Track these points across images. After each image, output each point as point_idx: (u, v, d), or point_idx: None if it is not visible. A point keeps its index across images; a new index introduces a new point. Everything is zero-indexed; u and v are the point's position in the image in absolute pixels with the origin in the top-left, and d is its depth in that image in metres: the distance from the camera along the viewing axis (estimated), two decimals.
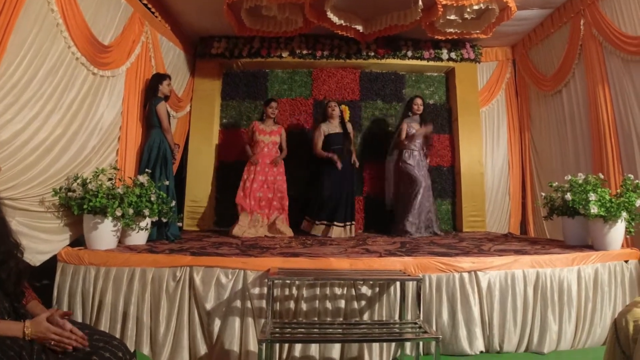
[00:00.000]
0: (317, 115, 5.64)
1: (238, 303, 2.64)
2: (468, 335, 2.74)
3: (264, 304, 2.59)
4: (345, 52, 5.73)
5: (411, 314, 2.67)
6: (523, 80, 5.96)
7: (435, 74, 6.13)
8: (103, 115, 3.74)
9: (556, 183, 3.83)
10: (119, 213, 2.99)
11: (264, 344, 1.94)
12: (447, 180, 5.81)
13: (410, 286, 2.66)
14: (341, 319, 2.61)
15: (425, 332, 2.16)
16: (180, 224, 4.03)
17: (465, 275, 2.79)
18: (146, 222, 3.34)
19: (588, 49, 4.58)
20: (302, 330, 2.27)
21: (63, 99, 3.18)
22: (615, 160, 4.27)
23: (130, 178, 3.57)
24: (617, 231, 3.30)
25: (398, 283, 2.65)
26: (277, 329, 2.20)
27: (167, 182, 3.82)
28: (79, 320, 2.75)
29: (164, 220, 3.69)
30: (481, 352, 2.75)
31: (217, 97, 5.86)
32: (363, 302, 2.66)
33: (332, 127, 5.11)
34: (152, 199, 3.44)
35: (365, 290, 2.66)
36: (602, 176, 3.61)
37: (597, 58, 4.47)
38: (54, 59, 3.01)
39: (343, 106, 5.41)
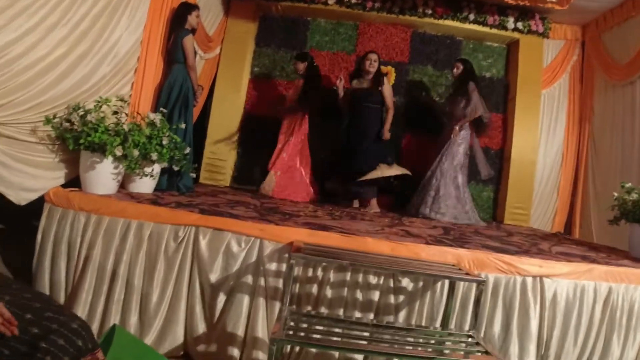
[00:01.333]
0: None
1: (249, 278, 2.17)
2: (520, 353, 2.24)
3: (280, 283, 2.13)
4: (399, 6, 5.06)
5: (456, 320, 2.18)
6: (591, 65, 5.29)
7: (496, 45, 5.43)
8: (119, 41, 3.26)
9: (629, 184, 3.25)
10: (119, 152, 2.53)
11: (276, 344, 1.46)
12: (494, 165, 5.19)
13: (462, 287, 2.15)
14: (372, 316, 2.13)
15: (485, 352, 1.66)
16: (193, 175, 3.56)
17: (529, 280, 2.26)
18: (152, 168, 2.88)
19: None
20: (323, 329, 1.79)
21: (71, 12, 2.67)
22: None
23: (140, 114, 3.09)
24: None
25: (448, 281, 2.13)
26: (293, 324, 1.73)
27: (183, 125, 3.33)
28: (63, 274, 2.35)
29: (176, 168, 3.23)
30: None
31: (250, 42, 5.29)
32: (401, 297, 2.16)
33: (363, 83, 4.50)
34: (164, 142, 2.97)
35: (406, 283, 2.16)
36: None
37: None
38: None
39: (389, 67, 4.80)
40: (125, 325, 2.20)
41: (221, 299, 2.18)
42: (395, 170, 4.27)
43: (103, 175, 2.62)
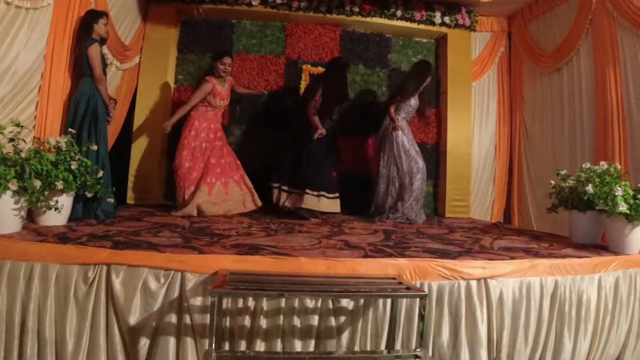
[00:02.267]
0: (290, 76, 4.88)
1: (173, 317, 1.93)
2: (471, 359, 2.17)
3: (207, 319, 1.90)
4: (326, 4, 4.94)
5: (403, 335, 2.06)
6: (518, 55, 5.45)
7: (425, 40, 5.46)
8: (18, 57, 2.92)
9: (564, 171, 3.31)
10: (13, 187, 2.20)
11: None
12: (431, 160, 5.21)
13: (406, 300, 2.04)
14: (313, 343, 1.96)
15: None
16: (111, 200, 3.23)
17: (474, 283, 2.19)
18: (56, 200, 2.55)
19: (599, 24, 4.13)
20: None
21: None
22: (622, 148, 3.84)
23: (39, 139, 2.75)
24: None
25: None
26: None
27: (95, 147, 3.01)
28: None
29: (89, 195, 2.90)
30: None
31: (172, 48, 4.97)
32: (343, 319, 2.02)
33: None
34: (73, 167, 2.65)
35: (346, 302, 2.01)
36: (619, 167, 3.07)
37: (609, 34, 4.02)
38: None
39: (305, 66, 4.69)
40: None
41: (144, 343, 1.93)
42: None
43: (2, 213, 2.28)
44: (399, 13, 5.08)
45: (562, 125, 4.64)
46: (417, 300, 2.04)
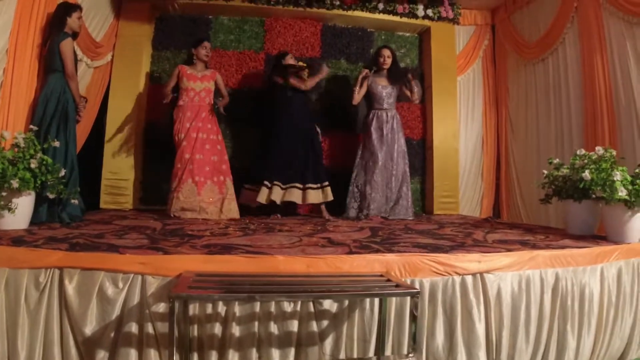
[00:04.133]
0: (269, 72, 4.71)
1: (133, 326, 1.71)
2: None
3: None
4: None
5: (393, 338, 1.87)
6: (503, 48, 5.40)
7: (408, 34, 5.33)
8: None
9: (557, 160, 3.17)
10: None
11: None
12: (417, 156, 5.07)
13: (395, 299, 1.85)
14: (293, 352, 1.76)
15: None
16: (75, 202, 3.00)
17: (469, 279, 2.01)
18: (11, 201, 2.33)
19: (584, 11, 4.06)
20: None
21: None
22: (611, 137, 3.75)
23: None
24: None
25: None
26: None
27: (56, 143, 2.78)
28: None
29: (51, 196, 2.67)
30: None
31: (147, 45, 4.76)
32: (325, 323, 1.81)
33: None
34: (33, 166, 2.43)
35: (328, 305, 1.81)
36: (614, 152, 2.93)
37: (595, 21, 3.95)
38: None
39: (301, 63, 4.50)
40: None
41: (102, 355, 1.71)
42: None
43: None
44: (380, 6, 4.95)
45: (548, 117, 4.58)
46: (408, 298, 1.85)
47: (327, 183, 4.05)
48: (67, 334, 1.74)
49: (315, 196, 3.99)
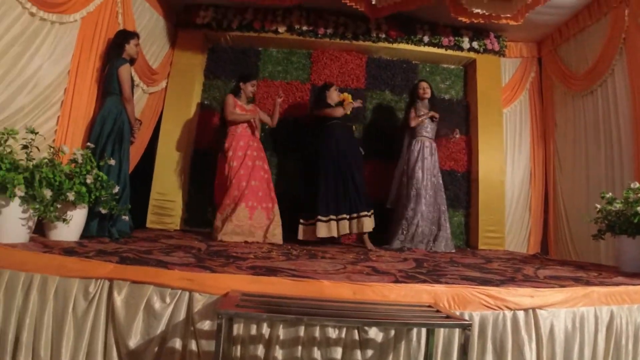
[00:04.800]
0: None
1: (177, 342, 1.73)
2: None
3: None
4: (352, 31, 4.90)
5: None
6: (549, 81, 5.27)
7: (453, 67, 5.33)
8: (40, 70, 2.93)
9: (610, 194, 3.03)
10: (19, 192, 2.09)
11: None
12: (461, 188, 4.97)
13: (443, 331, 1.78)
14: None
15: None
16: (126, 218, 3.11)
17: (521, 314, 1.92)
18: (66, 213, 2.44)
19: (632, 42, 3.95)
20: None
21: None
22: None
23: (53, 147, 2.67)
24: None
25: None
26: None
27: (112, 161, 2.92)
28: None
29: (103, 211, 2.78)
30: None
31: (199, 74, 4.99)
32: (370, 352, 1.76)
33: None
34: (88, 181, 2.55)
35: (374, 333, 1.77)
36: None
37: None
38: None
39: (345, 94, 4.58)
40: None
41: None
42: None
43: (8, 221, 2.19)
44: (426, 39, 4.99)
45: (597, 150, 4.39)
46: (457, 332, 1.78)
47: (371, 212, 4.01)
48: (110, 346, 1.77)
49: (360, 225, 3.96)
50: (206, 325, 1.72)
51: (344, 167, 4.00)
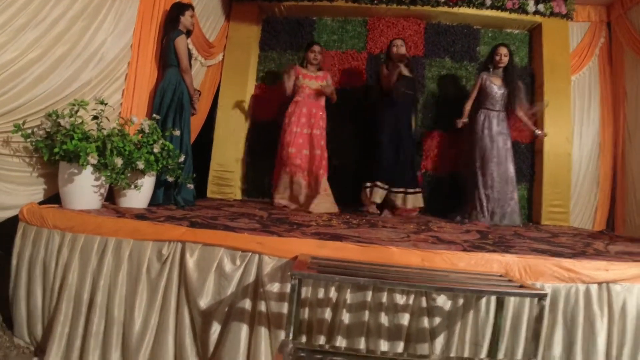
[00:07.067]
0: (371, 72, 4.70)
1: (247, 303, 1.79)
2: None
3: (285, 308, 1.73)
4: None
5: (507, 344, 1.75)
6: (619, 47, 4.85)
7: (517, 32, 5.02)
8: (105, 44, 3.00)
9: None
10: (93, 160, 2.19)
11: None
12: (525, 161, 4.74)
13: (513, 302, 1.73)
14: (402, 346, 1.72)
15: None
16: (191, 186, 3.22)
17: (594, 288, 1.83)
18: (137, 180, 2.55)
19: None
20: None
21: (43, 13, 2.40)
22: None
23: (123, 118, 2.78)
24: None
25: (494, 297, 1.70)
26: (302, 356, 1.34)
27: (177, 132, 3.00)
28: (39, 302, 2.03)
29: (170, 179, 2.89)
30: None
31: (254, 46, 4.99)
32: (437, 320, 1.75)
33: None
34: (155, 150, 2.64)
35: (442, 301, 1.75)
36: None
37: None
38: None
39: None
40: None
41: (215, 329, 1.81)
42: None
43: (82, 189, 2.31)
44: (488, 2, 4.72)
45: None
46: (527, 303, 1.72)
47: (420, 189, 4.02)
48: (182, 306, 1.86)
49: (412, 201, 3.95)
50: (275, 287, 1.77)
51: (398, 139, 4.00)
